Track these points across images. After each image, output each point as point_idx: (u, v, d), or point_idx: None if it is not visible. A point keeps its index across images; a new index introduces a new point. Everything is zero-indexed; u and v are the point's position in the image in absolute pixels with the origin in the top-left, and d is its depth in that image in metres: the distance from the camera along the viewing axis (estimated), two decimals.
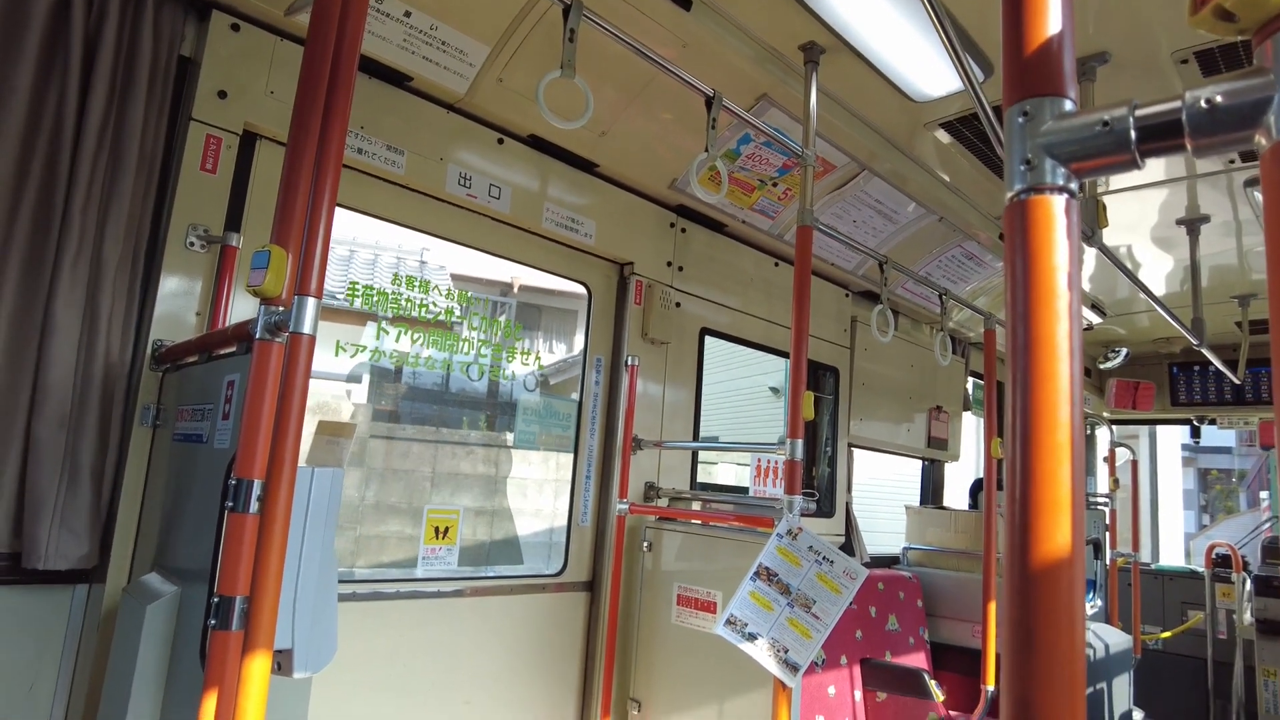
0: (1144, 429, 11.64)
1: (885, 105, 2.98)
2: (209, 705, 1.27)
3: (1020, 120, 0.66)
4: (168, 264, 2.04)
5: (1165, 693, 6.04)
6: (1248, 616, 5.43)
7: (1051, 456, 0.57)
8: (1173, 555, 13.01)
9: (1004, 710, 0.58)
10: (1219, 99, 0.57)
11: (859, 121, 3.06)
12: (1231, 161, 3.17)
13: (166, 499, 1.86)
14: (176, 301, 2.06)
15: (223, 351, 1.71)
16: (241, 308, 2.12)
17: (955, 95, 2.86)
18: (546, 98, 1.94)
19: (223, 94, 2.14)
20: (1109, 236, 3.36)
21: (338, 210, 1.48)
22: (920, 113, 3.03)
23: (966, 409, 5.29)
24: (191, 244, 2.08)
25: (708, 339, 3.56)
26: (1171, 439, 14.11)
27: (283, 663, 1.42)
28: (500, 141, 2.77)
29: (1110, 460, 6.05)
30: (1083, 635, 0.57)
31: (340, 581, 1.89)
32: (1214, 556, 6.03)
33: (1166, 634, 6.03)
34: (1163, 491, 13.49)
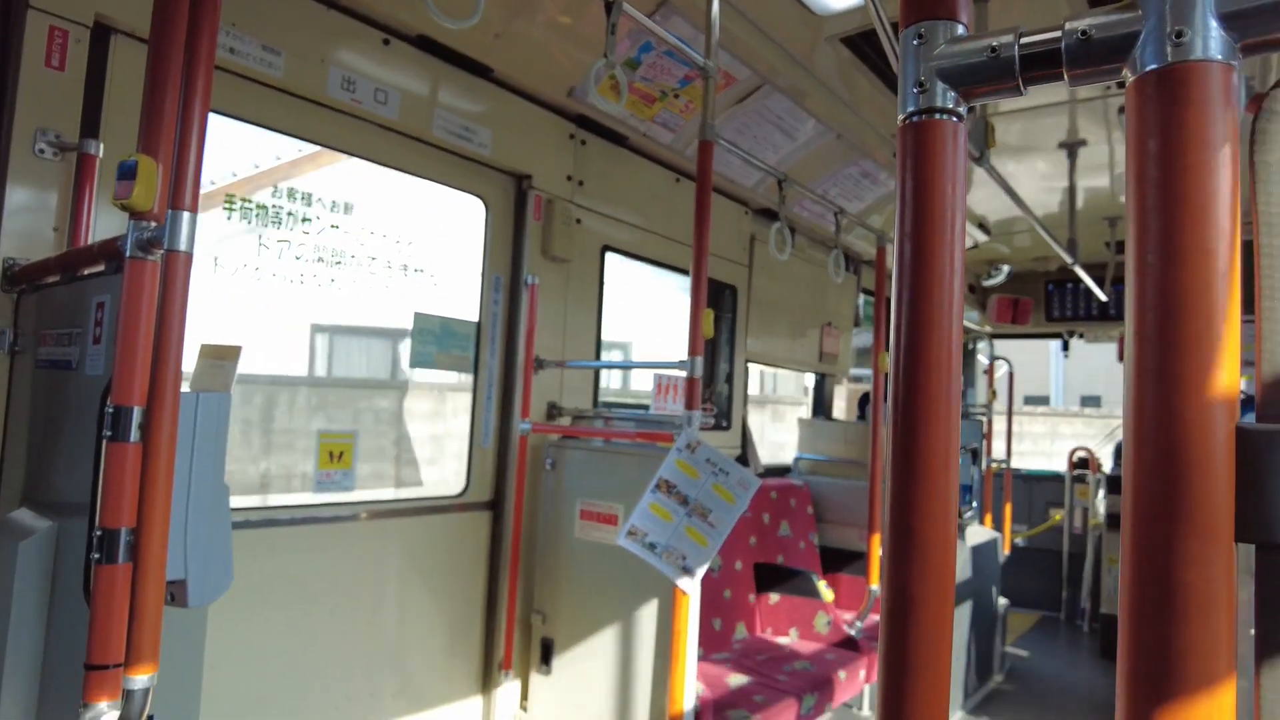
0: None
1: (787, 16, 2.95)
2: (99, 641, 1.24)
3: (915, 43, 0.67)
4: (13, 173, 1.85)
5: (1029, 584, 6.70)
6: (1101, 512, 6.04)
7: (934, 370, 0.61)
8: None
9: (884, 599, 0.63)
10: (1093, 31, 0.59)
11: (761, 33, 3.04)
12: (1108, 88, 3.32)
13: (33, 430, 1.74)
14: (28, 216, 1.88)
15: (88, 271, 1.58)
16: (107, 222, 1.96)
17: (855, 9, 2.87)
18: None
19: None
20: (996, 157, 3.50)
21: (210, 117, 1.38)
22: (822, 25, 3.02)
23: (857, 325, 5.52)
24: (41, 150, 1.88)
25: (608, 256, 3.55)
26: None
27: (176, 593, 1.38)
28: (386, 42, 2.60)
29: (989, 373, 6.48)
30: (954, 533, 0.62)
31: (233, 509, 1.84)
32: (1074, 459, 6.63)
33: (1032, 532, 6.65)
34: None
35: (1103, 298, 5.62)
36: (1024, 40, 0.63)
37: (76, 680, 1.26)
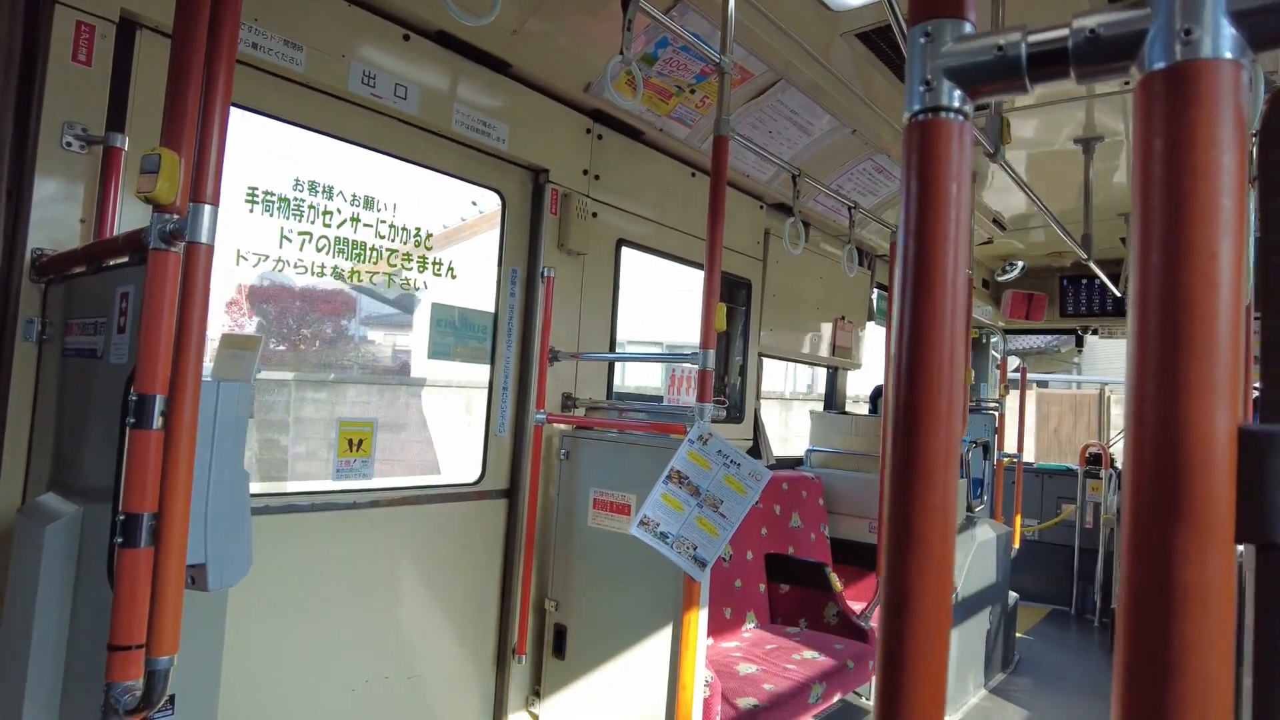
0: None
1: (803, 13, 2.95)
2: (122, 622, 1.27)
3: (922, 41, 0.68)
4: (42, 166, 1.88)
5: (1039, 578, 6.68)
6: (1114, 507, 6.00)
7: (934, 367, 0.62)
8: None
9: (883, 596, 0.64)
10: (1101, 29, 0.60)
11: (777, 29, 3.03)
12: (1126, 83, 3.29)
13: (60, 417, 1.78)
14: (56, 207, 1.92)
15: (114, 262, 1.61)
16: (132, 214, 1.99)
17: (871, 5, 2.86)
18: None
19: None
20: (1011, 153, 3.47)
21: (232, 111, 1.40)
22: (837, 22, 3.01)
23: (870, 319, 5.50)
24: (69, 144, 1.92)
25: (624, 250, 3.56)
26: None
27: (196, 577, 1.42)
28: (406, 38, 2.62)
29: (1002, 368, 6.44)
30: (953, 530, 0.63)
31: (254, 495, 1.87)
32: (1087, 455, 6.58)
33: (1043, 525, 6.62)
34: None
35: (1117, 293, 5.58)
36: (1031, 39, 0.64)
37: (100, 660, 1.30)
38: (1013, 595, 5.05)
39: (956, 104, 0.66)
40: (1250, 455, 0.54)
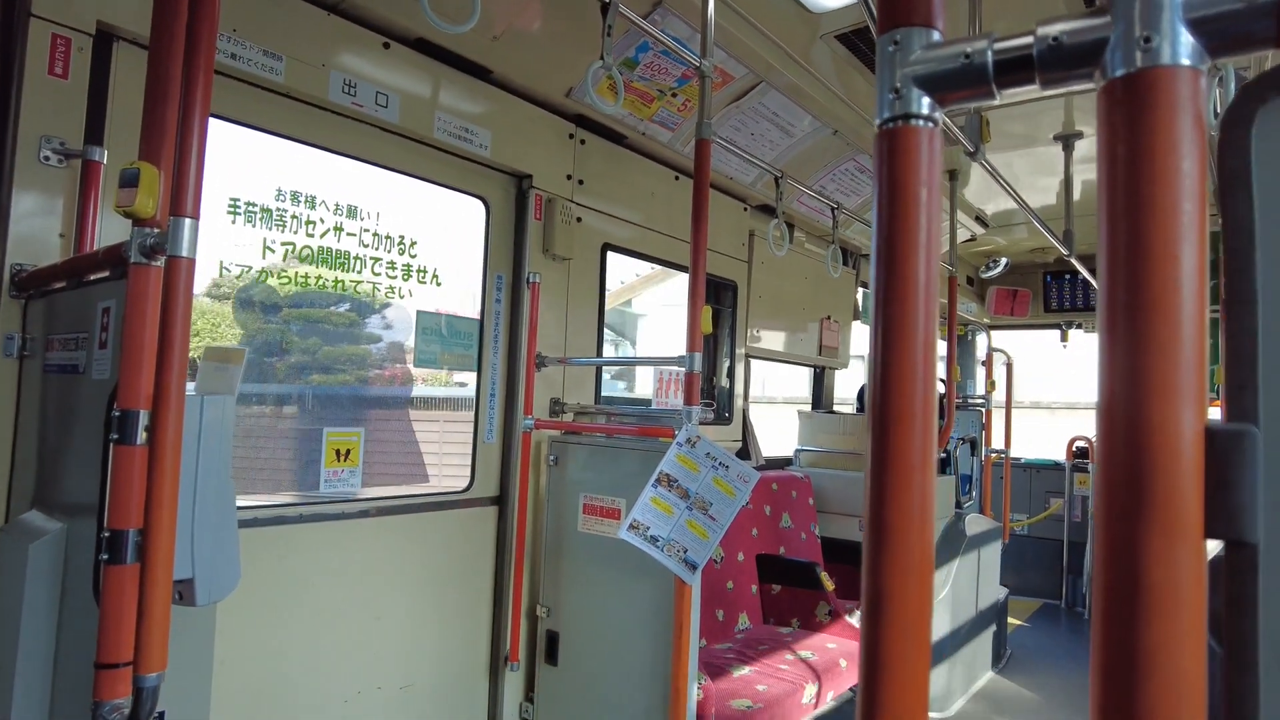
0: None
1: (783, 15, 2.96)
2: (108, 640, 1.26)
3: (890, 49, 0.69)
4: (19, 180, 1.87)
5: (1028, 572, 6.73)
6: None
7: (906, 371, 0.63)
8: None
9: (864, 597, 0.65)
10: (1064, 37, 0.61)
11: (757, 31, 3.05)
12: None
13: (42, 433, 1.77)
14: (35, 222, 1.90)
15: (94, 276, 1.61)
16: (112, 228, 1.98)
17: (850, 7, 2.88)
18: None
19: None
20: (992, 151, 3.50)
21: (211, 122, 1.40)
22: (817, 23, 3.03)
23: (856, 318, 5.53)
24: (46, 158, 1.91)
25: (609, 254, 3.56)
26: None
27: (184, 592, 1.41)
28: (386, 46, 2.62)
29: (988, 364, 6.48)
30: (930, 531, 0.64)
31: (240, 508, 1.87)
32: (1074, 449, 6.63)
33: (1031, 520, 6.66)
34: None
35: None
36: (997, 46, 0.65)
37: (87, 678, 1.29)
38: (1002, 590, 5.08)
39: (925, 111, 0.67)
40: (1217, 454, 0.55)
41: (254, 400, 2.76)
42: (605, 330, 3.62)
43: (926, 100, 0.67)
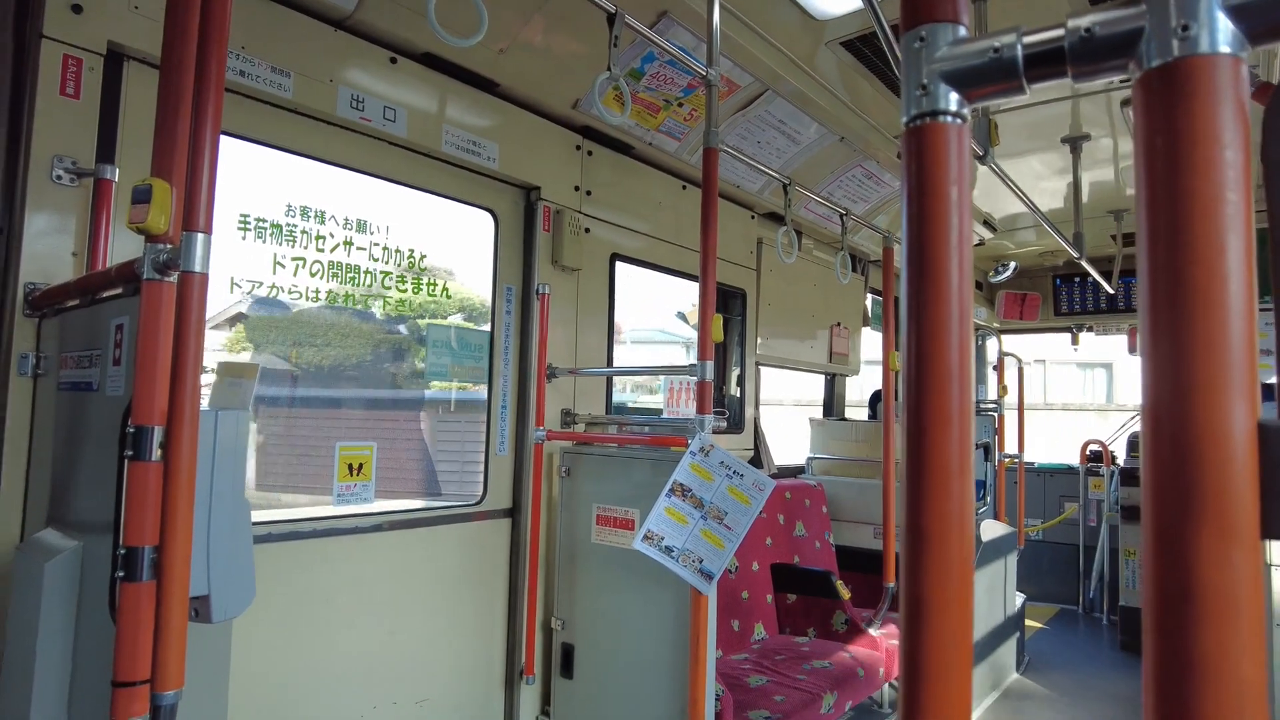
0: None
1: (787, 22, 2.96)
2: (124, 657, 1.25)
3: (916, 46, 0.68)
4: (33, 200, 1.88)
5: (1044, 576, 6.66)
6: (1116, 504, 5.99)
7: (942, 372, 0.61)
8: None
9: (903, 606, 0.63)
10: (1096, 28, 0.60)
11: (762, 40, 3.04)
12: (1110, 82, 3.31)
13: (57, 451, 1.76)
14: (48, 241, 1.91)
15: (107, 294, 1.60)
16: (124, 245, 1.98)
17: (855, 13, 2.87)
18: (438, 13, 1.84)
19: (77, 8, 1.94)
20: (999, 155, 3.49)
21: (222, 138, 1.40)
22: (822, 30, 3.03)
23: (866, 325, 5.50)
24: (59, 177, 1.91)
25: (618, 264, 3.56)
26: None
27: (200, 609, 1.40)
28: (393, 61, 2.63)
29: (1000, 369, 6.44)
30: (971, 535, 0.62)
31: (255, 523, 1.86)
32: (1088, 453, 6.58)
33: (1046, 525, 6.61)
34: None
35: (1110, 290, 5.59)
36: (1026, 40, 0.63)
37: (104, 697, 1.28)
38: (1020, 596, 5.03)
39: (954, 107, 0.65)
40: (1271, 450, 0.53)
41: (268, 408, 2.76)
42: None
43: (955, 96, 0.65)
